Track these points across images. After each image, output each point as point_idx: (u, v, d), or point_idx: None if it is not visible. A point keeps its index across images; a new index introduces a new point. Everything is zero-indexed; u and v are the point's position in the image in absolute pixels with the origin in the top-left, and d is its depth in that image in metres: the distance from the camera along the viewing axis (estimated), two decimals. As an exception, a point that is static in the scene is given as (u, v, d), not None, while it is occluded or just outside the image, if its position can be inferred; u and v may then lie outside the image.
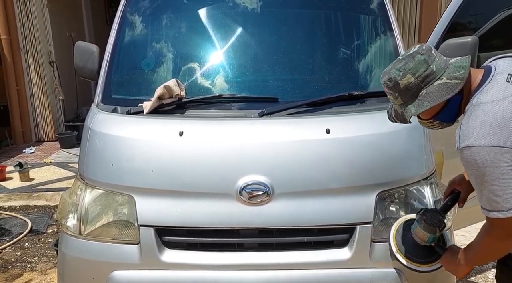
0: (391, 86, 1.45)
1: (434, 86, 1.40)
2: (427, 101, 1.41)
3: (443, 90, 1.39)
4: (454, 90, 1.39)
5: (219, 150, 1.85)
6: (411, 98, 1.44)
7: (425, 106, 1.41)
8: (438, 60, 1.42)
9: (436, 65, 1.40)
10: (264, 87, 2.22)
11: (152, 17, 2.44)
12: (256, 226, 1.83)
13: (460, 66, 1.41)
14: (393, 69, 1.45)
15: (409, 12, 6.64)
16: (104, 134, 1.97)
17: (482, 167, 1.31)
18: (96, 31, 8.53)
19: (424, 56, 1.41)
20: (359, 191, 1.84)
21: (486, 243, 1.44)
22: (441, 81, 1.39)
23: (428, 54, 1.41)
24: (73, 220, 1.95)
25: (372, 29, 2.41)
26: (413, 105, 1.43)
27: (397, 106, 1.51)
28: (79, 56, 2.31)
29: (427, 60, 1.40)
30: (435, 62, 1.41)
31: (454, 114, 1.49)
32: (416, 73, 1.40)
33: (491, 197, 1.33)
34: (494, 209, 1.34)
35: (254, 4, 2.36)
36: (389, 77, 1.45)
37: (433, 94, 1.40)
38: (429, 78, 1.40)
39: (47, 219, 4.29)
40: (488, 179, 1.31)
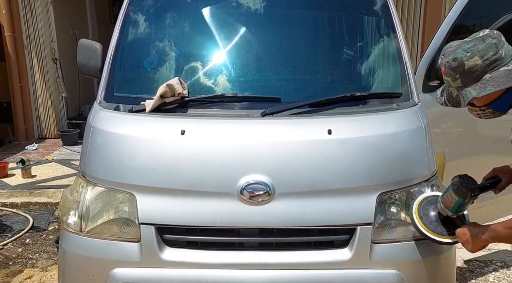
0: (454, 67, 1.43)
1: (500, 72, 1.38)
2: (491, 86, 1.38)
3: (508, 77, 1.37)
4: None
5: (220, 149, 1.85)
6: (472, 81, 1.41)
7: (488, 90, 1.39)
8: (507, 47, 1.41)
9: (505, 52, 1.39)
10: (267, 87, 2.22)
11: (155, 15, 2.45)
12: (257, 225, 1.83)
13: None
14: (459, 50, 1.42)
15: (413, 14, 6.63)
16: (106, 132, 1.97)
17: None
18: (100, 29, 8.55)
19: (495, 40, 1.39)
20: (360, 192, 1.84)
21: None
22: (507, 68, 1.38)
23: (498, 39, 1.40)
24: (74, 217, 1.95)
25: (375, 30, 2.40)
26: (474, 88, 1.41)
27: (453, 88, 1.48)
28: (82, 53, 2.32)
29: (497, 45, 1.39)
30: (504, 48, 1.40)
31: (509, 104, 1.47)
32: (484, 56, 1.38)
33: None
34: None
35: (257, 4, 2.36)
36: (454, 57, 1.43)
37: (498, 80, 1.38)
38: (497, 63, 1.38)
39: (49, 216, 4.31)
40: None
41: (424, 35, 6.49)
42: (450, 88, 1.51)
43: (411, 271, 1.84)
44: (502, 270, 3.23)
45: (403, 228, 1.87)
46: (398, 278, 1.81)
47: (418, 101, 2.09)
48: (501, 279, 3.12)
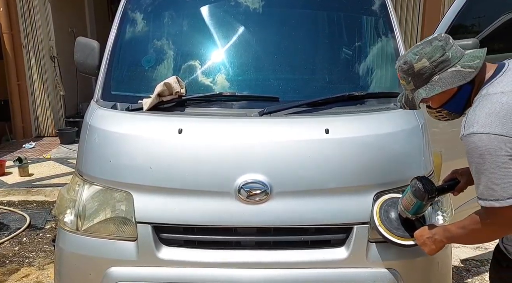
0: (406, 70, 1.48)
1: (447, 73, 1.43)
2: (439, 86, 1.43)
3: (455, 77, 1.42)
4: (466, 78, 1.42)
5: (218, 148, 1.85)
6: (423, 83, 1.46)
7: (436, 91, 1.44)
8: (455, 49, 1.45)
9: (452, 53, 1.43)
10: (265, 87, 2.22)
11: (153, 14, 2.44)
12: (254, 224, 1.83)
13: (476, 56, 1.44)
14: (409, 53, 1.48)
15: (412, 14, 6.64)
16: (103, 130, 1.97)
17: (483, 154, 1.33)
18: (98, 27, 8.53)
19: (441, 42, 1.44)
20: (357, 191, 1.84)
21: (476, 229, 1.45)
22: (455, 69, 1.42)
23: (445, 41, 1.44)
24: (71, 215, 1.95)
25: (373, 30, 2.41)
26: (424, 89, 1.46)
27: (408, 91, 1.53)
28: (79, 52, 2.31)
29: (444, 47, 1.43)
30: (452, 50, 1.44)
31: (463, 105, 1.51)
32: (431, 58, 1.43)
33: (489, 185, 1.34)
34: (490, 197, 1.35)
35: (256, 3, 2.36)
36: (404, 61, 1.48)
37: (445, 80, 1.42)
38: (444, 65, 1.43)
39: (46, 214, 4.30)
40: (488, 166, 1.33)
41: (423, 35, 6.50)
42: (406, 91, 1.56)
43: (407, 270, 1.85)
44: (499, 269, 3.24)
45: (399, 228, 1.87)
46: (394, 277, 1.82)
47: (415, 101, 2.09)
48: (497, 278, 3.13)
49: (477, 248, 3.51)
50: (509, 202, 1.32)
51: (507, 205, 1.33)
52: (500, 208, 1.34)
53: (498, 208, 1.34)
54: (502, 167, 1.31)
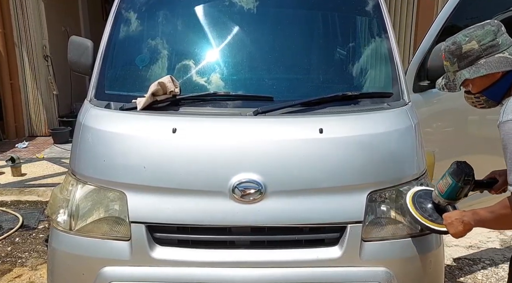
0: (453, 50, 1.49)
1: (494, 58, 1.45)
2: (484, 69, 1.45)
3: (502, 63, 1.44)
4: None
5: (212, 147, 1.85)
6: (467, 65, 1.48)
7: (480, 73, 1.45)
8: (505, 37, 1.47)
9: (502, 40, 1.45)
10: (259, 86, 2.22)
11: (147, 13, 2.44)
12: (248, 224, 1.84)
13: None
14: (459, 35, 1.49)
15: (405, 16, 6.69)
16: (96, 130, 1.96)
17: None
18: (92, 26, 8.49)
19: (494, 27, 1.46)
20: (350, 190, 1.85)
21: (505, 214, 1.46)
22: (502, 55, 1.44)
23: (497, 28, 1.46)
24: (64, 215, 1.94)
25: (367, 30, 2.42)
26: (468, 71, 1.48)
27: (451, 73, 1.55)
28: (73, 51, 2.30)
29: (496, 32, 1.45)
30: (502, 37, 1.46)
31: (502, 93, 1.52)
32: (481, 41, 1.45)
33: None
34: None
35: (250, 3, 2.36)
36: (453, 41, 1.50)
37: (491, 64, 1.44)
38: (492, 49, 1.45)
39: (39, 214, 4.27)
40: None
41: (416, 35, 6.54)
42: (448, 73, 1.58)
43: (400, 268, 1.86)
44: (491, 268, 3.27)
45: (392, 226, 1.88)
46: (387, 276, 1.83)
47: (409, 101, 2.11)
48: (489, 277, 3.16)
49: (470, 247, 3.55)
50: None
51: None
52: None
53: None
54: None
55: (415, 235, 1.88)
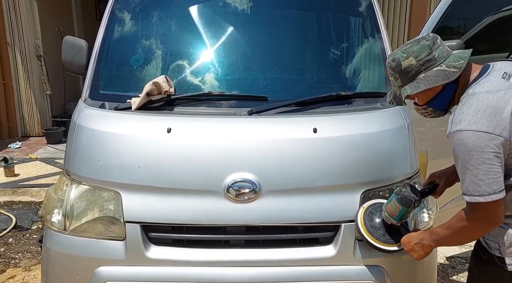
0: (394, 67, 1.53)
1: (432, 72, 1.47)
2: (423, 84, 1.48)
3: (440, 76, 1.46)
4: (450, 78, 1.46)
5: (207, 147, 1.86)
6: (409, 80, 1.51)
7: (420, 88, 1.48)
8: (442, 49, 1.49)
9: (438, 53, 1.48)
10: (254, 86, 2.23)
11: (142, 13, 2.44)
12: (243, 223, 1.85)
13: (460, 56, 1.49)
14: (398, 51, 1.53)
15: (399, 18, 6.74)
16: (91, 129, 1.96)
17: (470, 151, 1.37)
18: (86, 26, 8.44)
19: (428, 42, 1.49)
20: (344, 189, 1.86)
21: (462, 226, 1.48)
22: (440, 68, 1.47)
23: (432, 41, 1.49)
24: (58, 215, 1.94)
25: (361, 31, 2.44)
26: (410, 86, 1.51)
27: (396, 88, 1.59)
28: (67, 51, 2.29)
29: (431, 46, 1.48)
30: (438, 50, 1.48)
31: (447, 103, 1.56)
32: (418, 57, 1.48)
33: (474, 181, 1.39)
34: (475, 193, 1.40)
35: (244, 3, 2.37)
36: (393, 58, 1.53)
37: (430, 78, 1.47)
38: (430, 64, 1.47)
39: (32, 215, 4.25)
40: (473, 162, 1.37)
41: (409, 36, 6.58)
42: (394, 87, 1.62)
43: (393, 267, 1.87)
44: (483, 266, 3.30)
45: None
46: (380, 274, 1.85)
47: (402, 101, 2.12)
48: (481, 275, 3.19)
49: (462, 245, 3.58)
50: (493, 197, 1.37)
51: (491, 200, 1.37)
52: (485, 202, 1.38)
53: (482, 202, 1.38)
54: (487, 163, 1.36)
55: (408, 234, 1.90)
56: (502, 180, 1.39)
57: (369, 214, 1.80)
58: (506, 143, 1.37)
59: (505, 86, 1.42)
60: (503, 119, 1.36)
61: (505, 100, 1.38)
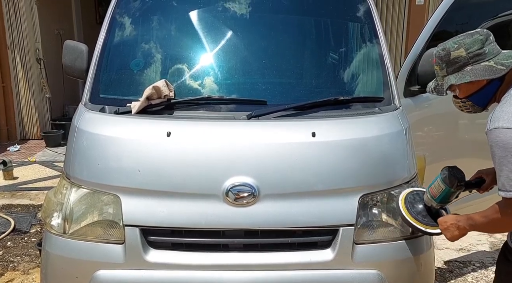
0: (442, 56, 1.55)
1: (480, 66, 1.50)
2: (469, 76, 1.50)
3: (487, 71, 1.49)
4: (496, 74, 1.49)
5: (206, 150, 1.87)
6: (455, 71, 1.54)
7: (465, 79, 1.51)
8: (493, 46, 1.52)
9: (489, 49, 1.51)
10: (253, 90, 2.24)
11: (142, 18, 2.45)
12: (242, 227, 1.85)
13: (510, 55, 1.51)
14: (449, 41, 1.55)
15: (397, 22, 6.78)
16: (91, 133, 1.97)
17: (506, 148, 1.41)
18: (86, 29, 8.45)
19: (482, 37, 1.51)
20: (342, 193, 1.87)
21: (497, 219, 1.50)
22: (488, 63, 1.50)
23: (485, 37, 1.52)
24: (58, 218, 1.94)
25: (359, 36, 2.46)
26: (455, 77, 1.54)
27: (440, 77, 1.61)
28: (67, 55, 2.31)
29: (483, 41, 1.51)
30: (490, 46, 1.51)
31: (487, 99, 1.58)
32: (469, 49, 1.50)
33: (510, 177, 1.41)
34: (510, 188, 1.42)
35: (243, 9, 2.39)
36: (443, 47, 1.56)
37: (476, 72, 1.50)
38: (479, 58, 1.50)
39: (31, 218, 4.24)
40: (510, 159, 1.40)
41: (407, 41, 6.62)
42: (437, 77, 1.64)
43: (391, 271, 1.89)
44: (481, 270, 3.31)
45: (384, 229, 1.91)
46: (378, 278, 1.86)
47: (400, 106, 2.14)
48: (479, 279, 3.20)
49: (460, 250, 3.59)
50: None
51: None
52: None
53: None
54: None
55: (406, 238, 1.91)
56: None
57: (410, 199, 1.81)
58: None
59: None
60: None
61: None
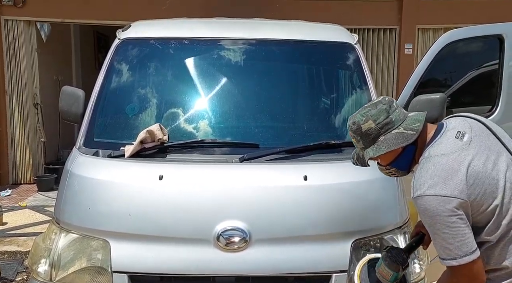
0: (354, 130, 1.56)
1: (391, 134, 1.51)
2: (384, 147, 1.51)
3: (399, 139, 1.50)
4: (409, 140, 1.50)
5: (198, 194, 1.87)
6: (371, 143, 1.54)
7: (382, 151, 1.51)
8: (398, 112, 1.54)
9: (395, 116, 1.52)
10: (246, 134, 2.28)
11: (139, 65, 2.53)
12: (233, 273, 1.81)
13: (416, 119, 1.53)
14: (357, 114, 1.57)
15: (387, 70, 7.06)
16: (83, 177, 1.97)
17: (433, 216, 1.39)
18: (84, 74, 8.63)
19: (385, 105, 1.53)
20: (335, 238, 1.86)
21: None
22: (398, 131, 1.51)
23: (389, 105, 1.53)
24: (45, 265, 1.89)
25: (348, 82, 2.55)
26: (372, 149, 1.54)
27: (359, 149, 1.61)
28: (64, 100, 2.35)
29: (388, 110, 1.52)
30: (395, 113, 1.53)
31: (408, 163, 1.59)
32: (376, 120, 1.51)
33: (444, 245, 1.39)
34: (448, 257, 1.40)
35: (237, 56, 2.48)
36: (353, 121, 1.57)
37: (390, 141, 1.51)
38: (388, 126, 1.51)
39: (17, 265, 4.10)
40: (439, 227, 1.39)
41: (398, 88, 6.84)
42: (357, 149, 1.65)
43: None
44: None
45: (377, 275, 1.87)
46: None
47: (390, 150, 2.17)
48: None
49: None
50: (466, 259, 1.36)
51: (464, 262, 1.37)
52: (459, 265, 1.38)
53: (457, 266, 1.38)
54: (451, 227, 1.37)
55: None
56: (472, 240, 1.38)
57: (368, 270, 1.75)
58: (466, 204, 1.38)
59: (458, 146, 1.44)
60: (459, 182, 1.38)
61: (459, 162, 1.41)
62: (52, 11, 6.78)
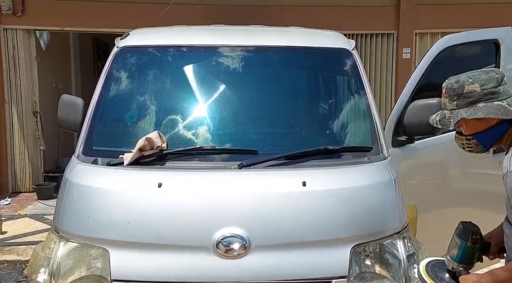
0: (455, 88, 1.52)
1: (493, 104, 1.49)
2: (481, 112, 1.48)
3: (499, 110, 1.48)
4: (508, 115, 1.48)
5: (197, 201, 1.87)
6: (466, 105, 1.51)
7: (478, 115, 1.48)
8: (506, 87, 1.52)
9: (504, 89, 1.51)
10: (245, 140, 2.29)
11: (138, 73, 2.54)
12: (233, 280, 1.81)
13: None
14: (463, 75, 1.54)
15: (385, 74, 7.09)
16: (82, 185, 1.97)
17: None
18: (83, 82, 8.66)
19: (498, 75, 1.52)
20: (334, 244, 1.85)
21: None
22: (501, 103, 1.49)
23: (501, 77, 1.52)
24: (44, 274, 1.89)
25: (346, 88, 2.56)
26: (466, 111, 1.51)
27: (448, 111, 1.57)
28: (63, 109, 2.36)
29: (499, 81, 1.51)
30: (504, 86, 1.51)
31: (493, 140, 1.55)
32: (484, 86, 1.49)
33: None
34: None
35: (235, 63, 2.50)
36: (457, 80, 1.54)
37: (490, 109, 1.48)
38: (493, 96, 1.49)
39: (17, 275, 4.09)
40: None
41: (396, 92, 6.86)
42: (444, 110, 1.60)
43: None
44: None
45: (377, 281, 1.87)
46: None
47: (388, 156, 2.18)
48: None
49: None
50: None
51: None
52: None
53: None
54: None
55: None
56: None
57: (432, 267, 1.69)
58: None
59: None
60: None
61: None
62: (51, 19, 6.82)
